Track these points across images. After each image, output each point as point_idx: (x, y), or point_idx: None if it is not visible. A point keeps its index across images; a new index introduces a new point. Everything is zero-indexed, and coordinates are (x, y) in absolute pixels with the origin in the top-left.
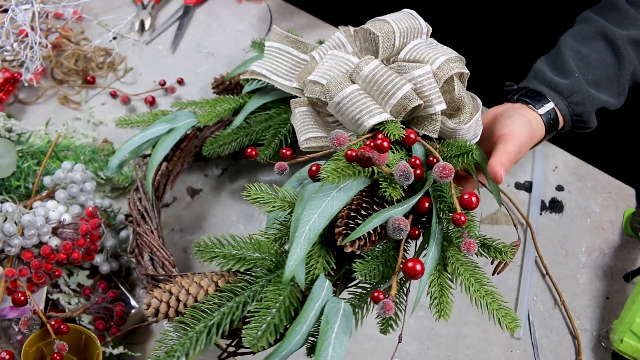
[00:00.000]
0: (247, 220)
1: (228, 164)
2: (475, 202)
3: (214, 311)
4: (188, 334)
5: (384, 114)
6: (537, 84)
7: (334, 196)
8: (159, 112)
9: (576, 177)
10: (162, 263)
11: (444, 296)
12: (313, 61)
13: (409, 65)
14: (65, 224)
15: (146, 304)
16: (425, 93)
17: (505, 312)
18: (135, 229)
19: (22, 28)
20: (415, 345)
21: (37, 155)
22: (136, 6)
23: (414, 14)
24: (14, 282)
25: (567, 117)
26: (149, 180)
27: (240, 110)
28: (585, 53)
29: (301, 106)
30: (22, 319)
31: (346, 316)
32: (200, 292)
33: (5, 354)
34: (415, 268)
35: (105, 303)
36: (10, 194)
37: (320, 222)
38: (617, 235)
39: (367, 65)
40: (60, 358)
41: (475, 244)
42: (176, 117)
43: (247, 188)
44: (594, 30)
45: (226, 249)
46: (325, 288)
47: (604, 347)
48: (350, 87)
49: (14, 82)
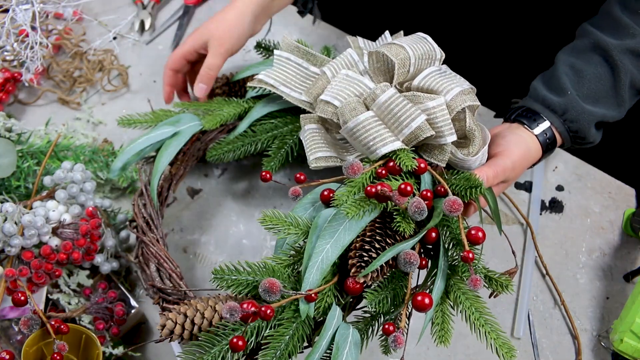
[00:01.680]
0: (247, 220)
1: (228, 164)
2: (482, 238)
3: (229, 336)
4: (204, 357)
5: (396, 142)
6: (532, 102)
7: (347, 226)
8: (160, 111)
9: (576, 177)
10: (169, 275)
11: (445, 322)
12: (324, 77)
13: (424, 96)
14: (66, 224)
15: (161, 325)
16: (437, 124)
17: (502, 342)
18: (142, 238)
19: (23, 28)
20: (415, 346)
21: (37, 155)
22: (136, 6)
23: (428, 39)
24: (14, 282)
25: (564, 134)
26: (153, 186)
27: (245, 116)
28: (580, 67)
29: (311, 123)
30: (22, 319)
31: (354, 343)
32: (215, 315)
33: (6, 354)
34: (424, 302)
35: (105, 303)
36: (10, 194)
37: (333, 253)
38: (617, 235)
39: (384, 93)
40: (60, 358)
41: (481, 280)
42: (179, 119)
43: (262, 215)
44: (589, 44)
45: (242, 276)
46: (336, 316)
47: (604, 347)
48: (365, 114)
49: (14, 83)
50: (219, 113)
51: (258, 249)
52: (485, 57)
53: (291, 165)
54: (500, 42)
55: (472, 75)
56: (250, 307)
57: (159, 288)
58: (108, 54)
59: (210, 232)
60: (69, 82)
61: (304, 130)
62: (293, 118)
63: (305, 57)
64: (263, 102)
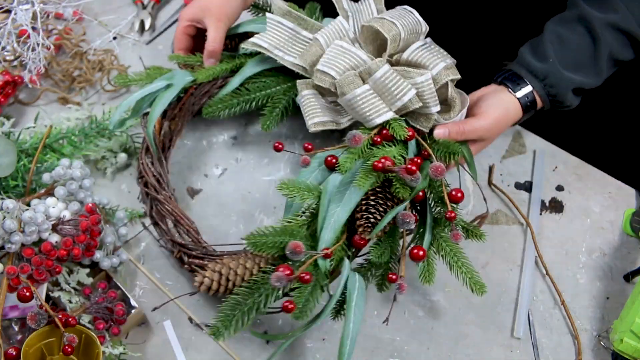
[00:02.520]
0: (247, 220)
1: (228, 164)
2: (461, 197)
3: (259, 289)
4: (241, 307)
5: (389, 112)
6: (518, 67)
7: (353, 190)
8: (154, 67)
9: (576, 177)
10: (187, 230)
11: (429, 265)
12: (317, 43)
13: (413, 72)
14: (65, 221)
15: (198, 282)
16: (424, 96)
17: (475, 280)
18: (155, 196)
19: (23, 28)
20: (415, 345)
21: (32, 152)
22: (136, 6)
23: (414, 12)
24: (15, 279)
25: (544, 97)
26: (149, 131)
27: (237, 72)
28: (564, 36)
29: (307, 89)
30: (30, 314)
31: (361, 287)
32: (246, 273)
33: (13, 350)
34: (419, 254)
35: (105, 303)
36: (8, 193)
37: (343, 215)
38: (617, 235)
39: (380, 69)
40: (71, 350)
41: (461, 235)
42: (173, 75)
43: (281, 185)
44: (575, 15)
45: (269, 238)
46: (346, 267)
47: (604, 347)
48: (362, 87)
49: (15, 86)
50: (212, 67)
51: None
52: (475, 25)
53: None
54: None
55: (461, 44)
56: (290, 274)
57: (180, 244)
58: (108, 54)
59: (210, 232)
60: (68, 82)
61: (301, 96)
62: (285, 78)
63: (297, 22)
64: (255, 60)
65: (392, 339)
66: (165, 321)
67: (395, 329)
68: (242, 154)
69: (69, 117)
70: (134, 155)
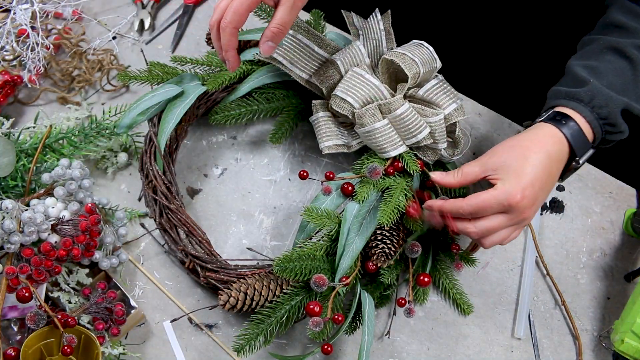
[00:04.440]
0: (247, 221)
1: (228, 164)
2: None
3: (282, 309)
4: (264, 325)
5: (403, 146)
6: (553, 100)
7: (369, 221)
8: (155, 62)
9: (577, 177)
10: (199, 241)
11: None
12: (335, 67)
13: (429, 111)
14: (65, 221)
15: (223, 301)
16: (435, 134)
17: (464, 301)
18: (168, 205)
19: (23, 28)
20: (415, 345)
21: (32, 152)
22: (136, 6)
23: (431, 49)
24: (15, 279)
25: (594, 123)
26: (161, 145)
27: (245, 79)
28: (595, 66)
29: (322, 110)
30: (29, 314)
31: (370, 303)
32: (269, 294)
33: (12, 351)
34: (425, 280)
35: (104, 303)
36: (7, 193)
37: (360, 244)
38: (618, 235)
39: (400, 107)
40: (71, 351)
41: (463, 265)
42: (182, 78)
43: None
44: (599, 46)
45: (296, 264)
46: (359, 289)
47: (605, 347)
48: (382, 122)
49: (14, 86)
50: (221, 74)
51: (258, 249)
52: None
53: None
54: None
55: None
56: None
57: (194, 255)
58: (107, 53)
59: (210, 232)
60: (67, 81)
61: (316, 117)
62: (294, 93)
63: (313, 39)
64: (263, 70)
65: (392, 339)
66: (164, 321)
67: (395, 329)
68: (242, 154)
69: (68, 117)
70: (134, 155)
